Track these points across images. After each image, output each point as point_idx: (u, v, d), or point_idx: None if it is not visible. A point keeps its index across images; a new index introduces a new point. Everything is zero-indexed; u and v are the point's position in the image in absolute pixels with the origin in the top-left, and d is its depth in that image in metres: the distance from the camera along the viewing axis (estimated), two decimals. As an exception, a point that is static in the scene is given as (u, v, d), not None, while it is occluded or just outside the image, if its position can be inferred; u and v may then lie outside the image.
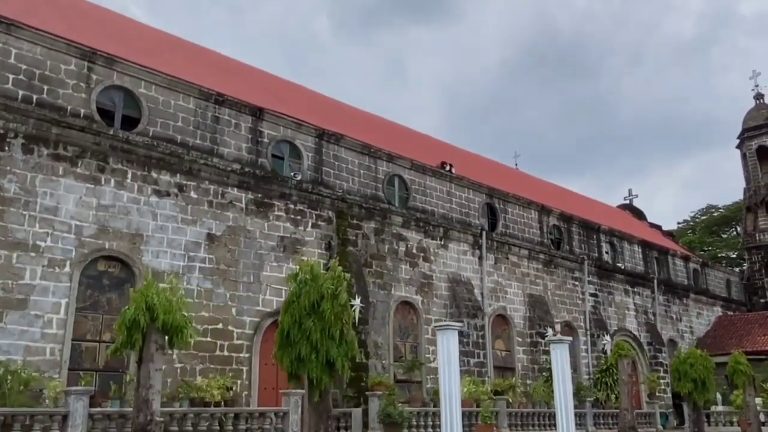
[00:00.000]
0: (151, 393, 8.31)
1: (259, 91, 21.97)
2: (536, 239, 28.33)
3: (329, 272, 10.93)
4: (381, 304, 21.21)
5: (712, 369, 18.89)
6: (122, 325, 8.57)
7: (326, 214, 20.36)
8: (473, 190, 26.03)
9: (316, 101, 25.88)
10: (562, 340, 14.28)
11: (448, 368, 11.97)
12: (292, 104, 22.36)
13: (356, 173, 21.86)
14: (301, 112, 21.62)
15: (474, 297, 24.17)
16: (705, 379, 18.41)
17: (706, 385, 18.46)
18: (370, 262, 21.30)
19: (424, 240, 23.32)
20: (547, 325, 26.37)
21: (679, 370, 18.86)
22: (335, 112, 25.33)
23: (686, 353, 19.08)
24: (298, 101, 23.63)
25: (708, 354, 34.55)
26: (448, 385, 11.92)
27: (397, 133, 28.21)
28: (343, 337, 10.47)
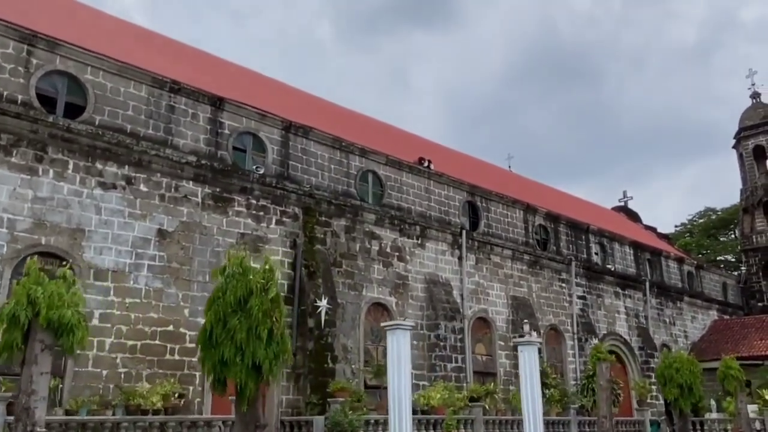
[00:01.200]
0: (34, 400, 7.23)
1: (221, 81, 20.94)
2: (521, 239, 27.23)
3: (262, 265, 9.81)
4: (351, 306, 20.10)
5: (699, 374, 17.73)
6: (1, 322, 7.48)
7: (292, 211, 19.29)
8: (453, 187, 24.95)
9: (284, 92, 24.81)
10: (530, 342, 13.16)
11: (398, 370, 10.88)
12: (257, 95, 21.33)
13: (326, 168, 20.79)
14: (267, 103, 20.57)
15: (453, 299, 23.05)
16: (692, 384, 17.24)
17: (693, 391, 17.28)
18: (340, 261, 20.20)
19: (399, 239, 22.22)
20: (531, 329, 25.18)
21: (664, 375, 17.68)
22: (304, 104, 24.27)
23: (672, 357, 17.92)
24: (263, 92, 22.59)
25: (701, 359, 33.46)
26: (398, 389, 10.85)
27: (372, 128, 27.15)
28: (273, 337, 9.37)
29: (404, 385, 10.87)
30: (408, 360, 11.12)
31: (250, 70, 25.29)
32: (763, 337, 33.98)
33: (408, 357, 11.09)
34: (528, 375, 12.88)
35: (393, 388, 11.10)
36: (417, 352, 21.59)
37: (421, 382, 21.19)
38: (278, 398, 17.58)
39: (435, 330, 21.89)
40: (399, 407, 10.83)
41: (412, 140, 28.70)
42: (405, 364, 10.96)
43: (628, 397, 27.94)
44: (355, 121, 26.63)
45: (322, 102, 27.01)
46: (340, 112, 26.90)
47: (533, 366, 12.97)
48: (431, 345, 21.81)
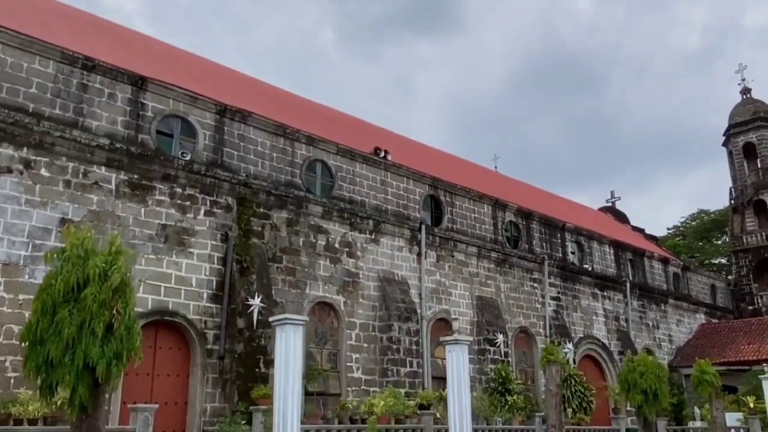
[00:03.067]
0: None
1: (150, 60, 19.39)
2: (489, 236, 25.63)
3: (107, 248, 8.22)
4: (292, 305, 18.47)
5: (665, 378, 16.11)
6: None
7: (225, 201, 17.71)
8: (414, 180, 23.37)
9: (221, 74, 23.13)
10: (458, 341, 11.56)
11: (286, 372, 9.30)
12: (190, 76, 19.78)
13: (267, 156, 19.23)
14: (201, 85, 19.03)
15: (409, 298, 21.44)
16: (657, 389, 15.63)
17: (659, 397, 15.66)
18: (280, 256, 18.61)
19: (349, 233, 20.63)
20: (497, 331, 23.61)
21: (627, 380, 16.08)
22: (246, 88, 22.70)
23: (636, 360, 16.30)
24: (197, 73, 21.02)
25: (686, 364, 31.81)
26: (283, 392, 9.27)
27: (323, 116, 25.56)
28: (114, 334, 7.79)
29: (293, 387, 9.29)
30: (299, 359, 9.57)
31: (181, 50, 23.64)
32: (751, 341, 32.31)
33: (299, 356, 9.56)
34: (456, 378, 11.27)
35: (279, 390, 9.52)
36: (367, 355, 20.02)
37: (371, 388, 19.61)
38: (201, 406, 16.02)
39: (388, 332, 20.27)
40: (284, 412, 9.24)
41: (368, 129, 27.14)
42: (295, 364, 9.37)
43: (605, 405, 26.27)
44: (304, 108, 25.06)
45: (265, 86, 25.41)
46: (287, 98, 25.33)
47: (462, 368, 11.37)
48: (383, 348, 20.19)
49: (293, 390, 9.30)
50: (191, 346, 16.27)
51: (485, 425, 19.16)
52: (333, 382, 19.09)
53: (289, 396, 9.28)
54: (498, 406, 20.68)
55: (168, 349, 16.03)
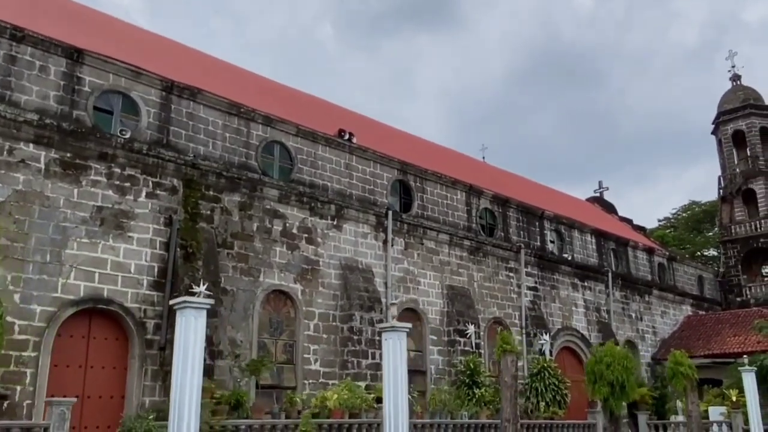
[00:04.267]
0: None
1: (92, 34, 18.30)
2: (462, 223, 24.63)
3: None
4: (244, 294, 17.49)
5: (633, 370, 15.16)
6: None
7: (169, 182, 16.67)
8: (381, 164, 22.33)
9: (173, 50, 21.95)
10: (395, 328, 10.57)
11: (184, 362, 8.33)
12: (139, 52, 18.70)
13: (219, 137, 18.19)
14: (150, 61, 17.97)
15: (373, 287, 20.44)
16: (624, 381, 14.69)
17: (626, 390, 14.72)
18: (231, 242, 17.59)
19: (309, 219, 19.62)
20: (468, 322, 22.64)
21: (594, 371, 15.13)
22: (199, 65, 21.60)
23: (603, 351, 15.33)
24: (144, 48, 19.93)
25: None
26: (180, 383, 8.30)
27: (285, 96, 24.49)
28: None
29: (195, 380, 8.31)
30: (201, 348, 8.57)
31: (129, 24, 22.45)
32: (737, 333, 31.39)
33: (201, 344, 8.57)
34: (392, 369, 10.28)
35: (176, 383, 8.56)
36: (326, 347, 19.05)
37: (330, 381, 18.64)
38: (139, 400, 14.98)
39: (349, 322, 19.29)
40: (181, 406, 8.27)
41: (332, 111, 26.05)
42: (195, 353, 8.39)
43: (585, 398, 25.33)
44: (264, 87, 23.97)
45: (221, 63, 24.26)
46: (246, 76, 24.22)
47: (399, 358, 10.37)
48: (344, 339, 19.21)
49: (192, 382, 8.32)
50: (129, 336, 15.26)
51: (449, 420, 18.18)
52: (288, 374, 18.12)
53: (187, 388, 8.31)
54: (465, 400, 19.73)
55: (103, 339, 15.01)
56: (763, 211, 39.51)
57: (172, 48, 22.23)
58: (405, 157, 23.65)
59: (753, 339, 29.45)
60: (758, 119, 40.90)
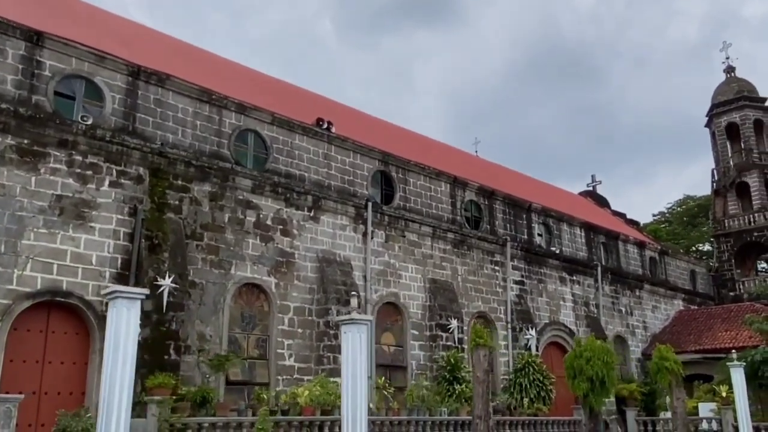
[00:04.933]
0: None
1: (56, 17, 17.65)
2: (446, 216, 24.05)
3: None
4: (214, 286, 16.90)
5: (613, 365, 14.60)
6: None
7: (134, 171, 16.06)
8: (361, 154, 21.73)
9: (139, 34, 21.13)
10: (355, 320, 9.97)
11: (115, 355, 7.77)
12: (102, 35, 18.06)
13: (189, 124, 17.58)
14: (119, 46, 17.34)
15: (351, 280, 19.85)
16: (605, 377, 14.13)
17: (606, 386, 14.16)
18: (201, 233, 16.99)
19: (284, 210, 19.02)
20: (451, 316, 22.07)
21: (573, 366, 14.57)
22: (171, 51, 20.94)
23: (583, 345, 14.76)
24: (111, 32, 19.27)
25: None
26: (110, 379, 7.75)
27: (261, 83, 23.82)
28: None
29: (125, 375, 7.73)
30: (133, 341, 7.97)
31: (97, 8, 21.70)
32: (728, 328, 30.82)
33: (133, 338, 7.95)
34: (351, 364, 9.69)
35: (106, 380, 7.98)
36: (302, 341, 18.47)
37: (305, 377, 18.07)
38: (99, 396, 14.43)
39: (325, 316, 18.70)
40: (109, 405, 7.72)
41: (311, 99, 25.39)
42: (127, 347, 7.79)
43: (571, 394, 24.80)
44: (239, 74, 23.30)
45: (195, 50, 23.53)
46: (220, 63, 23.53)
47: (359, 352, 9.77)
48: (320, 333, 18.62)
49: (123, 378, 7.75)
50: (90, 330, 14.67)
51: (427, 416, 17.62)
52: (261, 370, 17.54)
53: (117, 385, 7.74)
54: (445, 396, 19.18)
55: (63, 333, 14.43)
56: (756, 205, 38.93)
57: (142, 32, 21.55)
58: (387, 148, 23.05)
59: (745, 334, 28.89)
60: (752, 111, 40.29)
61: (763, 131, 40.45)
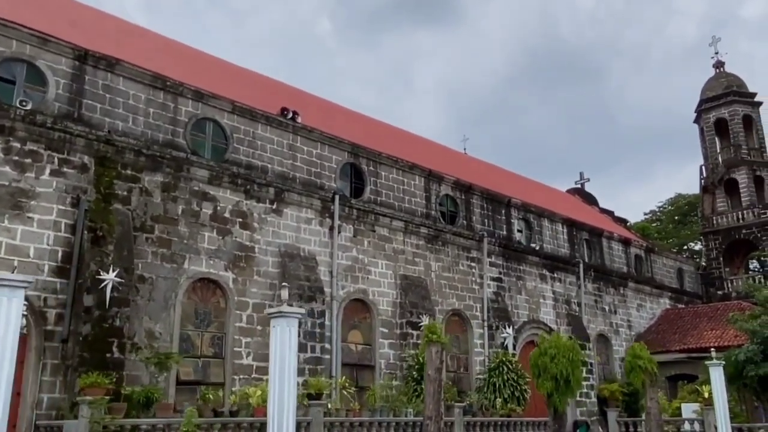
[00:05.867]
0: None
1: None
2: (420, 210, 23.27)
3: None
4: (165, 281, 16.09)
5: (579, 363, 13.83)
6: None
7: (79, 160, 15.25)
8: (329, 145, 20.94)
9: (90, 17, 20.15)
10: (284, 313, 9.19)
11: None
12: (50, 17, 17.25)
13: (141, 111, 16.77)
14: (63, 27, 16.53)
15: (315, 276, 19.06)
16: (569, 375, 13.36)
17: (571, 385, 13.39)
18: (151, 226, 16.18)
19: (244, 202, 18.22)
20: (423, 313, 21.28)
21: (538, 364, 13.80)
22: (121, 34, 20.07)
23: (548, 343, 13.99)
24: (59, 15, 18.46)
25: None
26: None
27: (224, 71, 22.99)
28: None
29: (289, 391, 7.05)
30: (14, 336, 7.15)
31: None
32: (714, 327, 30.11)
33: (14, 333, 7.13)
34: (279, 360, 8.90)
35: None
36: (261, 339, 17.62)
37: (264, 376, 17.15)
38: (35, 397, 13.55)
39: (286, 313, 17.87)
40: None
41: (277, 88, 24.55)
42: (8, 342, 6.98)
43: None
44: (198, 61, 22.46)
45: (150, 34, 22.54)
46: (178, 49, 22.70)
47: (288, 348, 8.99)
48: (280, 331, 17.78)
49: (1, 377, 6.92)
50: (26, 326, 13.83)
51: (386, 417, 16.83)
52: (216, 369, 16.73)
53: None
54: (411, 396, 18.39)
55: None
56: (745, 202, 38.24)
57: (94, 16, 20.69)
58: (358, 139, 22.27)
59: (730, 333, 28.14)
60: (741, 107, 39.61)
61: (753, 127, 39.80)
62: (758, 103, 40.16)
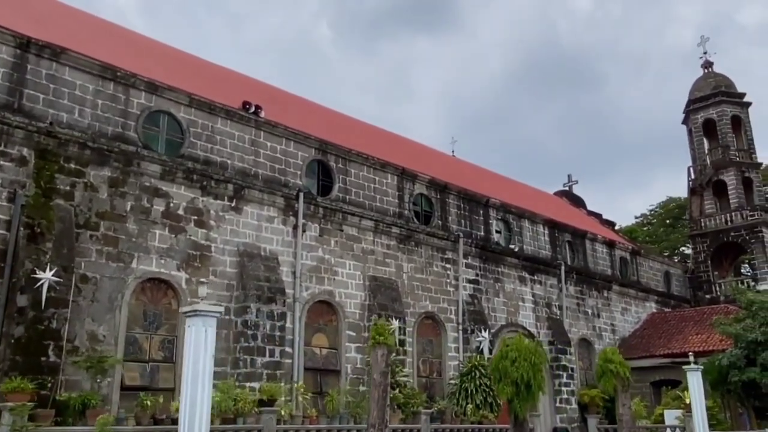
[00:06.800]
0: None
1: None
2: (392, 210, 22.48)
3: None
4: (110, 281, 15.26)
5: (541, 368, 13.00)
6: None
7: (17, 152, 14.43)
8: (295, 141, 20.15)
9: (36, 4, 19.30)
10: (199, 312, 8.39)
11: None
12: None
13: (89, 103, 15.96)
14: (2, 14, 15.74)
15: (277, 276, 18.23)
16: (530, 380, 12.53)
17: (532, 390, 12.56)
18: (96, 223, 15.35)
19: (200, 199, 17.41)
20: (392, 316, 20.45)
21: (498, 369, 12.98)
22: (75, 24, 19.27)
23: (509, 345, 13.17)
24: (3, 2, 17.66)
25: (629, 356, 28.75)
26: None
27: (184, 64, 22.15)
28: None
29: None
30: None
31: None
32: (700, 331, 29.30)
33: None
34: (193, 363, 8.09)
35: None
36: (217, 343, 16.66)
37: (218, 381, 16.31)
38: (-42, 402, 12.76)
39: (243, 315, 17.07)
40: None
41: (241, 82, 23.72)
42: None
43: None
44: (156, 53, 21.63)
45: (103, 23, 21.75)
46: (134, 40, 21.89)
47: (203, 349, 8.19)
48: (237, 334, 16.98)
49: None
50: (-47, 328, 13.02)
51: (351, 425, 15.99)
52: (165, 374, 15.87)
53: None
54: (376, 403, 17.50)
55: None
56: (734, 204, 37.50)
57: (39, 2, 19.85)
58: (327, 136, 21.50)
59: (716, 338, 27.35)
60: (729, 107, 38.91)
61: (741, 128, 39.10)
62: (747, 104, 39.48)
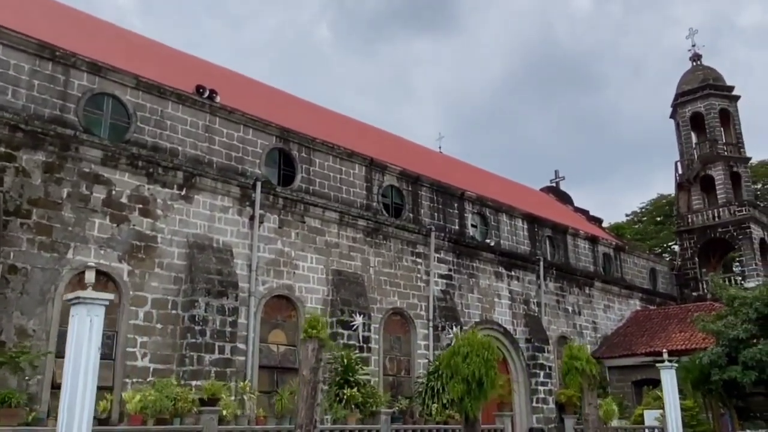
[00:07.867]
0: None
1: None
2: (360, 201, 21.55)
3: None
4: (42, 273, 14.30)
5: (494, 364, 12.10)
6: None
7: (-61, 134, 13.50)
8: (254, 128, 19.21)
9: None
10: (83, 299, 7.44)
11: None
12: None
13: (24, 83, 15.00)
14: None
15: (230, 269, 17.28)
16: (483, 377, 11.62)
17: (484, 387, 11.65)
18: (29, 210, 14.39)
19: (146, 187, 16.45)
20: (356, 312, 19.53)
21: (450, 365, 12.06)
22: (11, 2, 18.34)
23: (461, 341, 12.26)
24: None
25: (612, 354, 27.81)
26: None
27: (134, 45, 21.16)
28: None
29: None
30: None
31: None
32: (683, 329, 28.40)
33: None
34: (74, 356, 7.15)
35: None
36: (161, 339, 15.87)
37: (164, 379, 15.40)
38: None
39: (191, 309, 16.11)
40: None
41: (196, 66, 22.71)
42: None
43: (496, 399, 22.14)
44: (105, 33, 20.66)
45: (57, 6, 20.83)
46: (77, 17, 20.87)
47: (86, 340, 7.24)
48: (184, 330, 16.03)
49: None
50: None
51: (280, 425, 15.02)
52: (103, 372, 14.76)
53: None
54: (333, 401, 16.62)
55: None
56: (721, 199, 36.67)
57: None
58: (289, 123, 20.57)
59: (699, 336, 26.43)
60: (717, 100, 38.09)
61: (730, 121, 38.28)
62: (736, 97, 38.66)
